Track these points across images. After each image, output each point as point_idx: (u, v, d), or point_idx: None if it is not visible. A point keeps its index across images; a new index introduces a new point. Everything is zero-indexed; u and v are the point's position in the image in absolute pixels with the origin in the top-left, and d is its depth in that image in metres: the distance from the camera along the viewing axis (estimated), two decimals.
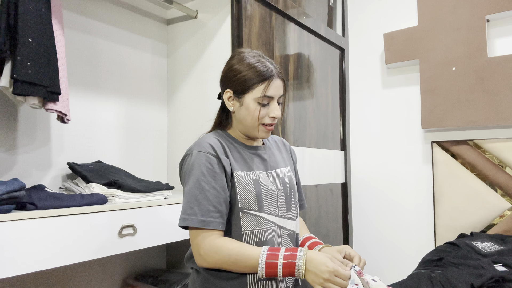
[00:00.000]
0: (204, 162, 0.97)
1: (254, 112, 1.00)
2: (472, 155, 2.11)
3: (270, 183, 1.05)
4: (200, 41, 1.87)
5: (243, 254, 0.91)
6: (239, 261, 0.91)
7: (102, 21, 1.73)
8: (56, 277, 1.54)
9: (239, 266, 0.92)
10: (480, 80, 2.03)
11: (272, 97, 1.00)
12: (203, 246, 0.93)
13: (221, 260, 0.92)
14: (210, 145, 0.99)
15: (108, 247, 1.22)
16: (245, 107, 1.01)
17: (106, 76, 1.73)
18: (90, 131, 1.66)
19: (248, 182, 1.01)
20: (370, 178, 2.52)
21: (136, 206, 1.32)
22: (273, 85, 1.00)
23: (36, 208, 1.09)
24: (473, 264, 1.42)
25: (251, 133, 1.05)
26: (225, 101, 1.05)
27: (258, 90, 0.99)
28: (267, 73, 0.99)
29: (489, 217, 2.03)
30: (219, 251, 0.92)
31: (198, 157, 0.98)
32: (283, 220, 1.06)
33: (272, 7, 1.89)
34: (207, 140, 1.01)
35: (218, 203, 0.95)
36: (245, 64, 1.01)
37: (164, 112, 2.01)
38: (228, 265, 0.93)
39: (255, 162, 1.07)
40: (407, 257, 2.34)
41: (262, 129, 1.03)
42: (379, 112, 2.51)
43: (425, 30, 2.22)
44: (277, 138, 1.23)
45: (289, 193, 1.10)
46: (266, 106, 1.01)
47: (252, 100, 1.00)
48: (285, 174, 1.12)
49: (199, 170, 0.96)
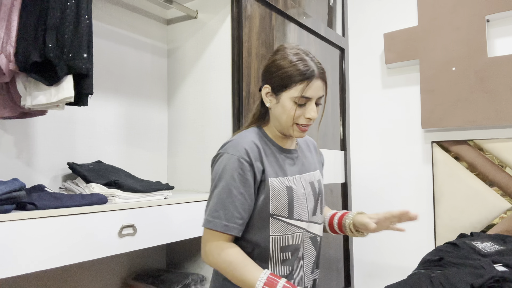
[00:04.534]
0: (236, 167, 0.95)
1: (290, 111, 0.98)
2: (472, 155, 2.11)
3: (302, 187, 1.05)
4: (200, 41, 1.87)
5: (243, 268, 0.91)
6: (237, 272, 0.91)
7: (102, 21, 1.73)
8: (56, 277, 1.54)
9: (235, 277, 0.91)
10: (480, 80, 2.03)
11: (310, 98, 0.97)
12: (210, 244, 0.94)
13: (220, 264, 0.93)
14: (245, 150, 0.97)
15: (108, 247, 1.22)
16: (281, 104, 0.99)
17: (106, 76, 1.73)
18: (90, 131, 1.66)
19: (281, 189, 1.00)
20: (370, 178, 2.52)
21: (136, 206, 1.32)
22: (312, 86, 0.96)
23: (36, 208, 1.09)
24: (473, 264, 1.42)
25: (286, 131, 1.03)
26: (263, 96, 1.04)
27: (296, 90, 0.96)
28: (307, 73, 0.96)
29: (489, 217, 2.03)
30: (222, 254, 0.92)
31: (232, 160, 0.96)
32: (310, 224, 1.06)
33: (272, 7, 1.89)
34: (243, 143, 0.99)
35: (243, 210, 0.95)
36: (286, 60, 0.98)
37: (164, 112, 2.01)
38: (225, 272, 0.93)
39: (289, 166, 1.06)
40: (407, 257, 2.34)
41: (296, 129, 1.01)
42: (379, 112, 2.51)
43: (425, 30, 2.22)
44: (309, 140, 1.21)
45: (318, 197, 1.10)
46: (302, 106, 0.98)
47: (288, 99, 0.97)
48: (315, 178, 1.11)
49: (230, 174, 0.95)
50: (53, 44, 1.15)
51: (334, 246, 2.42)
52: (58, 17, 1.17)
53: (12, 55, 1.15)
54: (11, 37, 1.15)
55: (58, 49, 1.16)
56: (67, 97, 1.19)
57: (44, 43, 1.15)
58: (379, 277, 2.47)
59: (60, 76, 1.17)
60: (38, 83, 1.20)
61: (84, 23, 1.22)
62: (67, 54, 1.17)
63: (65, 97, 1.18)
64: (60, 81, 1.18)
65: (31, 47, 1.15)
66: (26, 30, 1.16)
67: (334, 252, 2.42)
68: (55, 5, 1.16)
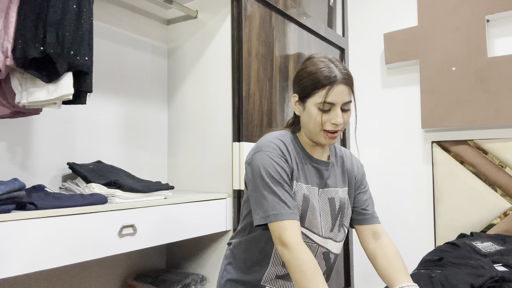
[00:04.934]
0: (277, 161, 0.97)
1: (316, 118, 0.99)
2: (472, 155, 2.11)
3: (317, 201, 1.04)
4: (200, 41, 1.87)
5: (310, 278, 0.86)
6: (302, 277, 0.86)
7: (102, 21, 1.73)
8: (56, 277, 1.54)
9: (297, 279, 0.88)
10: (480, 80, 2.02)
11: (333, 103, 0.97)
12: (287, 240, 0.90)
13: (289, 266, 0.89)
14: (278, 147, 1.00)
15: (108, 247, 1.22)
16: (307, 112, 1.01)
17: (106, 76, 1.73)
18: (90, 131, 1.66)
19: (299, 194, 1.01)
20: (370, 178, 2.52)
21: (136, 206, 1.32)
22: (335, 91, 0.96)
23: (36, 208, 1.09)
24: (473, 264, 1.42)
25: (315, 139, 1.03)
26: (292, 105, 1.06)
27: (319, 96, 0.97)
28: (329, 78, 0.96)
29: (489, 217, 2.03)
30: (295, 261, 0.88)
31: (270, 156, 0.98)
32: (325, 240, 1.05)
33: (272, 7, 1.89)
34: (275, 141, 1.01)
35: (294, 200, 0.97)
36: (311, 68, 1.00)
37: (164, 112, 2.01)
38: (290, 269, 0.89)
39: (313, 175, 1.06)
40: (407, 257, 2.33)
41: (325, 135, 1.01)
42: (379, 112, 2.51)
43: (425, 30, 2.22)
44: (346, 154, 1.18)
45: (337, 214, 1.08)
46: (328, 112, 0.98)
47: (313, 106, 0.99)
48: (338, 195, 1.09)
49: (273, 168, 0.96)
50: (53, 41, 1.15)
51: None
52: (59, 14, 1.16)
53: (10, 51, 1.14)
54: (9, 33, 1.14)
55: (58, 45, 1.15)
56: (67, 94, 1.17)
57: (44, 40, 1.15)
58: (379, 277, 2.46)
59: (61, 72, 1.16)
60: (35, 80, 1.19)
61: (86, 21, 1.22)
62: (67, 51, 1.17)
63: (64, 94, 1.17)
64: (59, 78, 1.17)
65: (30, 43, 1.14)
66: (25, 26, 1.15)
67: None
68: (56, 3, 1.16)
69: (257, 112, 1.76)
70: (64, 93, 1.17)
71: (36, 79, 1.19)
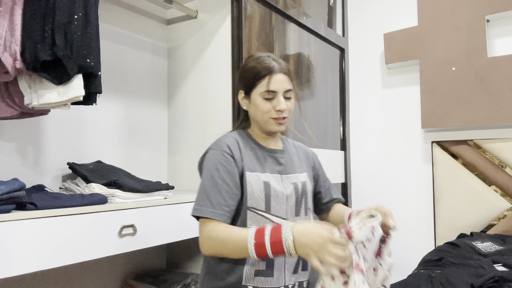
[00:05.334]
0: (219, 159, 1.03)
1: (261, 107, 1.06)
2: (472, 155, 2.10)
3: (281, 186, 1.08)
4: (200, 41, 1.87)
5: (231, 235, 0.94)
6: (227, 242, 0.93)
7: (102, 21, 1.72)
8: (56, 277, 1.54)
9: (230, 249, 0.93)
10: (480, 80, 2.03)
11: (275, 91, 1.05)
12: (201, 233, 0.98)
13: (212, 244, 0.95)
14: (227, 145, 1.06)
15: (108, 247, 1.22)
16: (253, 103, 1.08)
17: (106, 76, 1.73)
18: (90, 131, 1.66)
19: (258, 183, 1.05)
20: (370, 178, 2.52)
21: (136, 206, 1.32)
22: (275, 79, 1.05)
23: (36, 208, 1.09)
24: (473, 264, 1.42)
25: (265, 128, 1.10)
26: (240, 101, 1.13)
27: (262, 86, 1.05)
28: (269, 68, 1.05)
29: (489, 217, 2.03)
30: (210, 235, 0.95)
31: (215, 154, 1.04)
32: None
33: (272, 7, 1.89)
34: (225, 139, 1.08)
35: (229, 198, 1.00)
36: (251, 64, 1.09)
37: (164, 112, 2.01)
38: (219, 249, 0.95)
39: (270, 164, 1.11)
40: (407, 257, 2.33)
41: (272, 122, 1.07)
42: (379, 112, 2.51)
43: (425, 30, 2.22)
44: (299, 146, 1.25)
45: (300, 198, 1.12)
46: (271, 101, 1.06)
47: (257, 96, 1.06)
48: (300, 179, 1.14)
49: (214, 166, 1.02)
50: (62, 43, 1.15)
51: None
52: (66, 16, 1.17)
53: (19, 53, 1.14)
54: (16, 35, 1.14)
55: (67, 48, 1.16)
56: (78, 96, 1.19)
57: (54, 42, 1.15)
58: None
59: (71, 75, 1.17)
60: (44, 82, 1.19)
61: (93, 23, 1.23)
62: (76, 54, 1.17)
63: (76, 96, 1.18)
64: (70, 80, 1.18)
65: (39, 46, 1.14)
66: (32, 28, 1.15)
67: None
68: (62, 5, 1.16)
69: None
70: (76, 95, 1.18)
71: (45, 81, 1.19)
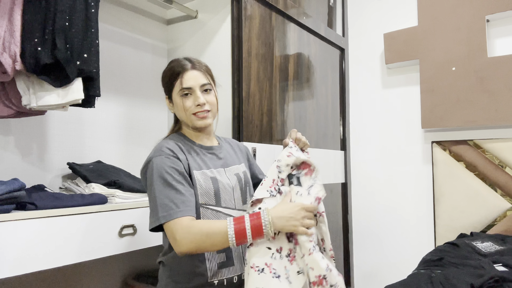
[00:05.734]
0: (167, 163, 1.02)
1: (181, 105, 1.10)
2: (472, 155, 2.11)
3: (227, 178, 1.14)
4: (200, 41, 1.87)
5: (212, 227, 0.97)
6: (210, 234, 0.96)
7: (102, 21, 1.72)
8: (56, 277, 1.54)
9: (213, 241, 0.96)
10: (480, 80, 2.02)
11: (190, 87, 1.10)
12: (177, 232, 0.96)
13: (195, 239, 0.95)
14: (168, 149, 1.06)
15: (108, 247, 1.22)
16: (175, 104, 1.13)
17: (106, 76, 1.73)
18: (90, 131, 1.66)
19: (206, 179, 1.08)
20: (370, 178, 2.52)
21: (136, 206, 1.32)
22: (187, 76, 1.10)
23: (36, 208, 1.09)
24: (473, 264, 1.42)
25: (191, 124, 1.13)
26: (167, 106, 1.17)
27: (177, 85, 1.10)
28: (181, 67, 1.11)
29: (489, 217, 2.03)
30: (191, 230, 0.96)
31: (160, 160, 1.03)
32: (239, 212, 1.13)
33: (272, 7, 1.89)
34: (164, 144, 1.08)
35: (190, 195, 1.02)
36: (167, 67, 1.15)
37: (164, 112, 2.01)
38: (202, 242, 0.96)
39: (212, 161, 1.15)
40: (407, 257, 2.33)
41: (195, 118, 1.11)
42: (379, 112, 2.51)
43: (425, 30, 2.22)
44: (231, 141, 1.32)
45: (244, 187, 1.18)
46: (188, 97, 1.10)
47: (176, 96, 1.11)
48: (240, 170, 1.21)
49: (164, 170, 1.01)
50: (63, 47, 1.15)
51: (334, 247, 2.42)
52: (66, 20, 1.17)
53: (18, 55, 1.14)
54: (15, 36, 1.14)
55: (67, 52, 1.16)
56: (77, 99, 1.20)
57: (54, 45, 1.15)
58: (379, 277, 2.47)
59: (72, 78, 1.18)
60: (43, 84, 1.19)
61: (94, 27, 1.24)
62: (77, 57, 1.18)
63: (76, 99, 1.20)
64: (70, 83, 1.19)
65: (39, 49, 1.14)
66: (32, 30, 1.15)
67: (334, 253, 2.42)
68: (63, 8, 1.16)
69: (257, 112, 1.76)
70: (75, 98, 1.20)
71: (44, 83, 1.19)
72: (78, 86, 1.21)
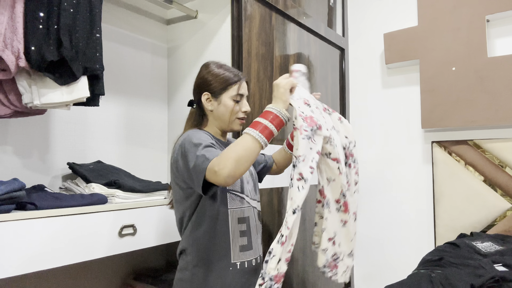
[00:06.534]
0: (203, 134, 1.13)
1: (233, 108, 1.21)
2: (472, 155, 2.11)
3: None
4: (200, 41, 1.87)
5: (240, 144, 1.02)
6: (242, 149, 1.01)
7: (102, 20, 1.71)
8: (56, 277, 1.54)
9: (246, 152, 1.01)
10: (480, 80, 2.03)
11: (243, 95, 1.23)
12: (213, 165, 0.99)
13: (233, 159, 0.98)
14: (202, 131, 1.17)
15: (108, 247, 1.22)
16: (223, 104, 1.20)
17: (106, 76, 1.71)
18: (90, 131, 1.66)
19: None
20: (370, 178, 2.52)
21: (136, 206, 1.32)
22: (243, 85, 1.23)
23: (36, 208, 1.09)
24: (473, 264, 1.42)
25: (228, 127, 1.24)
26: (204, 102, 1.22)
27: (233, 90, 1.20)
28: (238, 76, 1.22)
29: (489, 217, 2.03)
30: (226, 156, 0.99)
31: (198, 133, 1.13)
32: (253, 201, 1.27)
33: (272, 7, 1.89)
34: (197, 132, 1.16)
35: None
36: (216, 71, 1.22)
37: (164, 112, 2.01)
38: (240, 157, 0.99)
39: None
40: (407, 257, 2.33)
41: (237, 122, 1.24)
42: (379, 112, 2.51)
43: (425, 30, 2.22)
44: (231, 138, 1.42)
45: (255, 180, 1.32)
46: (238, 103, 1.22)
47: (228, 98, 1.20)
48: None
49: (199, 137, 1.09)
50: (68, 45, 1.15)
51: None
52: (70, 18, 1.16)
53: (22, 52, 1.12)
54: (18, 33, 1.12)
55: (72, 50, 1.16)
56: (83, 97, 1.20)
57: (60, 43, 1.14)
58: (379, 277, 2.47)
59: (78, 76, 1.17)
60: (46, 82, 1.18)
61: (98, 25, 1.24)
62: (82, 55, 1.18)
63: (81, 97, 1.19)
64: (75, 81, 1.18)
65: (44, 46, 1.13)
66: (35, 27, 1.13)
67: None
68: (67, 7, 1.16)
69: (257, 112, 1.76)
70: (81, 96, 1.19)
71: (47, 80, 1.18)
72: (83, 84, 1.20)
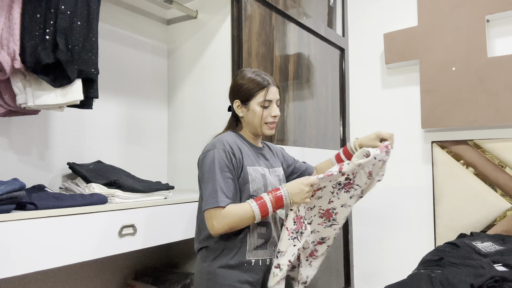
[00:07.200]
0: (223, 157, 1.19)
1: (260, 114, 1.27)
2: (472, 155, 2.11)
3: (271, 178, 1.31)
4: (200, 41, 1.87)
5: (242, 210, 1.15)
6: (243, 215, 1.14)
7: (102, 21, 1.72)
8: (56, 277, 1.54)
9: (244, 220, 1.15)
10: (480, 80, 2.03)
11: (271, 100, 1.28)
12: (215, 218, 1.13)
13: (231, 221, 1.13)
14: (228, 143, 1.22)
15: (108, 247, 1.22)
16: (251, 111, 1.27)
17: (106, 76, 1.73)
18: (90, 131, 1.66)
19: (257, 175, 1.25)
20: None
21: (136, 206, 1.32)
22: (271, 91, 1.27)
23: (36, 208, 1.09)
24: (473, 264, 1.42)
25: (259, 131, 1.30)
26: (235, 109, 1.30)
27: (260, 96, 1.26)
28: (264, 82, 1.27)
29: (489, 217, 2.03)
30: (227, 216, 1.13)
31: (219, 152, 1.19)
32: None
33: (272, 7, 1.89)
34: (225, 137, 1.24)
35: (235, 190, 1.19)
36: (246, 78, 1.28)
37: (164, 112, 2.01)
38: (236, 223, 1.14)
39: (261, 160, 1.33)
40: (407, 257, 2.34)
41: (266, 127, 1.29)
42: (379, 112, 2.51)
43: (425, 30, 2.22)
44: (270, 145, 1.49)
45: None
46: (267, 108, 1.27)
47: (256, 105, 1.26)
48: (280, 173, 1.38)
49: (221, 164, 1.18)
50: (64, 47, 1.15)
51: (334, 247, 2.42)
52: (67, 21, 1.16)
53: (17, 53, 1.12)
54: (14, 34, 1.13)
55: (68, 52, 1.16)
56: (77, 100, 1.20)
57: (56, 45, 1.14)
58: (379, 277, 2.47)
59: (72, 79, 1.18)
60: (41, 83, 1.19)
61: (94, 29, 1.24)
62: (77, 58, 1.18)
63: (75, 100, 1.20)
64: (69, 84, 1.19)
65: (40, 48, 1.13)
66: (32, 29, 1.14)
67: (334, 253, 2.42)
68: (64, 10, 1.16)
69: None
70: (75, 99, 1.20)
71: (42, 82, 1.18)
72: (77, 87, 1.21)
